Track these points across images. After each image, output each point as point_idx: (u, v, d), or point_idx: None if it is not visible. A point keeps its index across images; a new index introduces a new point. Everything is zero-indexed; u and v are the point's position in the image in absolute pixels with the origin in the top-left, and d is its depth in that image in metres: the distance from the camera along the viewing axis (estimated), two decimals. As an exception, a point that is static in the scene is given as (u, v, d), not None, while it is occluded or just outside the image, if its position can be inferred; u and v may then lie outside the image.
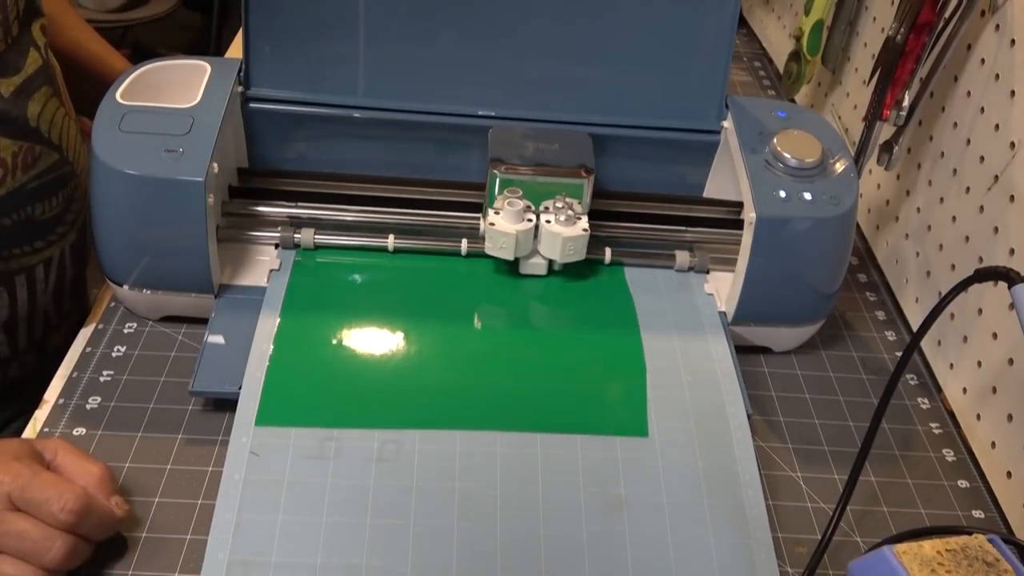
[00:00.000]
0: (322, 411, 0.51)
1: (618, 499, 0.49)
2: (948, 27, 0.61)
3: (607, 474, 0.50)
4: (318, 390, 0.52)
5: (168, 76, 0.61)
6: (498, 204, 0.58)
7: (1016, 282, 0.45)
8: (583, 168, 0.59)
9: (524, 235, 0.58)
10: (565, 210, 0.58)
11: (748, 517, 0.50)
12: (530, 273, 0.60)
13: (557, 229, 0.58)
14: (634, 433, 0.52)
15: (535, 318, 0.59)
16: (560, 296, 0.60)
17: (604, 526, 0.48)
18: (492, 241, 0.58)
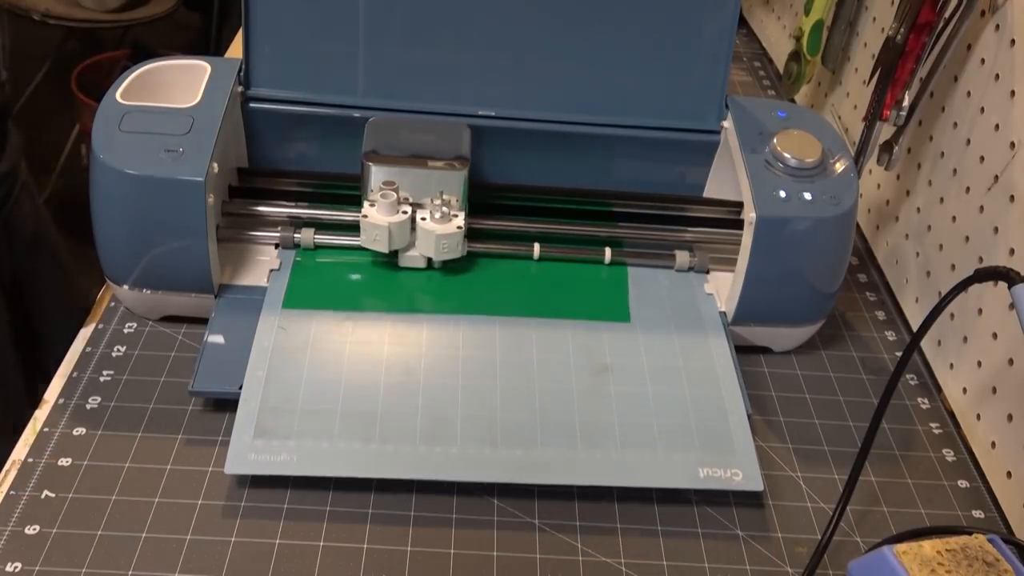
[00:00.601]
0: (342, 298, 0.58)
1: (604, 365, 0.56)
2: (948, 27, 0.61)
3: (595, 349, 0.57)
4: (339, 282, 0.59)
5: (168, 76, 0.61)
6: (372, 196, 0.58)
7: (1016, 282, 0.45)
8: (458, 159, 0.59)
9: (397, 227, 0.58)
10: (441, 207, 0.58)
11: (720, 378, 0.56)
12: (408, 266, 0.60)
13: (431, 226, 0.58)
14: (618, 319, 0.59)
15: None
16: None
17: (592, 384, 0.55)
18: (366, 233, 0.58)
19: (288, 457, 0.50)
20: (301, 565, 0.48)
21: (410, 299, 0.59)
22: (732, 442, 0.53)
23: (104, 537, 0.48)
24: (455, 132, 0.60)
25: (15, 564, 0.46)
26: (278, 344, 0.55)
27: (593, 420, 0.53)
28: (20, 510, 0.49)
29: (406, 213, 0.58)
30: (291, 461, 0.50)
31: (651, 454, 0.52)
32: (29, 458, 0.51)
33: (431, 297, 0.59)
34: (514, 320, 0.58)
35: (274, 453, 0.50)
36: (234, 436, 0.50)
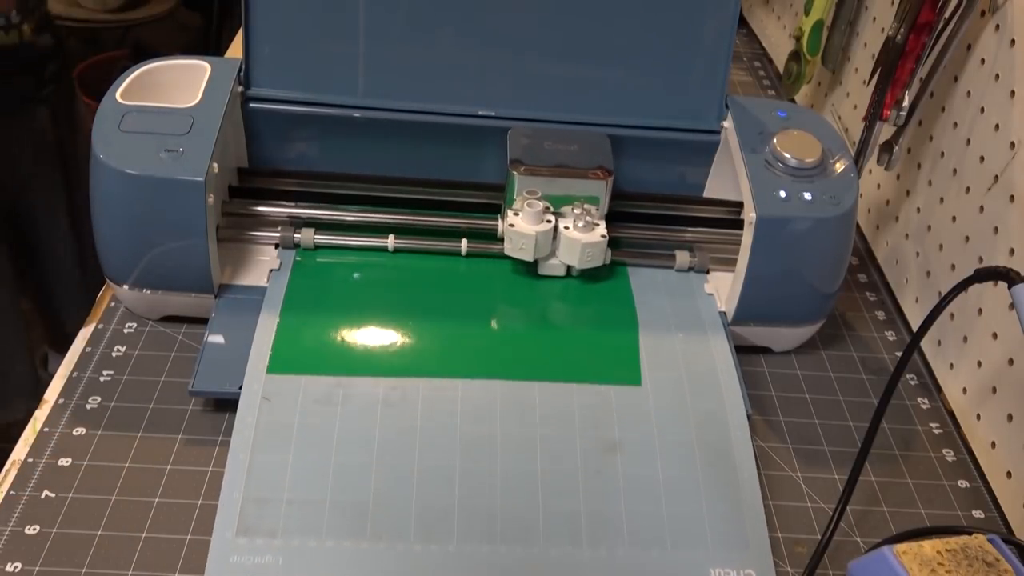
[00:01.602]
0: (331, 360, 0.54)
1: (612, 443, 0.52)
2: (948, 27, 0.61)
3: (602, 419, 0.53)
4: (327, 342, 0.55)
5: (168, 76, 0.61)
6: (517, 205, 0.58)
7: (1016, 282, 0.45)
8: (601, 169, 0.59)
9: (543, 236, 0.58)
10: (583, 216, 0.58)
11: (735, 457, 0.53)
12: (549, 274, 0.61)
13: (576, 235, 0.58)
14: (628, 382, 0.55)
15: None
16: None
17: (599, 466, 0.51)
18: (512, 242, 0.58)
19: (273, 559, 0.46)
20: (301, 565, 0.47)
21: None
22: (746, 534, 0.50)
23: (104, 537, 0.48)
24: (596, 142, 0.61)
25: (15, 564, 0.46)
26: (262, 421, 0.51)
27: (599, 510, 0.50)
28: (20, 510, 0.49)
29: (550, 222, 0.58)
30: (276, 564, 0.46)
31: (660, 553, 0.48)
32: (29, 458, 0.51)
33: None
34: (516, 385, 0.54)
35: (258, 554, 0.46)
36: (215, 533, 0.47)
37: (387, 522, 0.48)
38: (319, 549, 0.47)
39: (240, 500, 0.48)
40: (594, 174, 0.59)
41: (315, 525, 0.48)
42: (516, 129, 0.61)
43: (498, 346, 0.56)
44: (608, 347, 0.57)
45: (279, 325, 0.55)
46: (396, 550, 0.47)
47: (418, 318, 0.57)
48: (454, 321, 0.57)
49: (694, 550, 0.49)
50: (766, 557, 0.49)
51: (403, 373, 0.54)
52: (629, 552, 0.48)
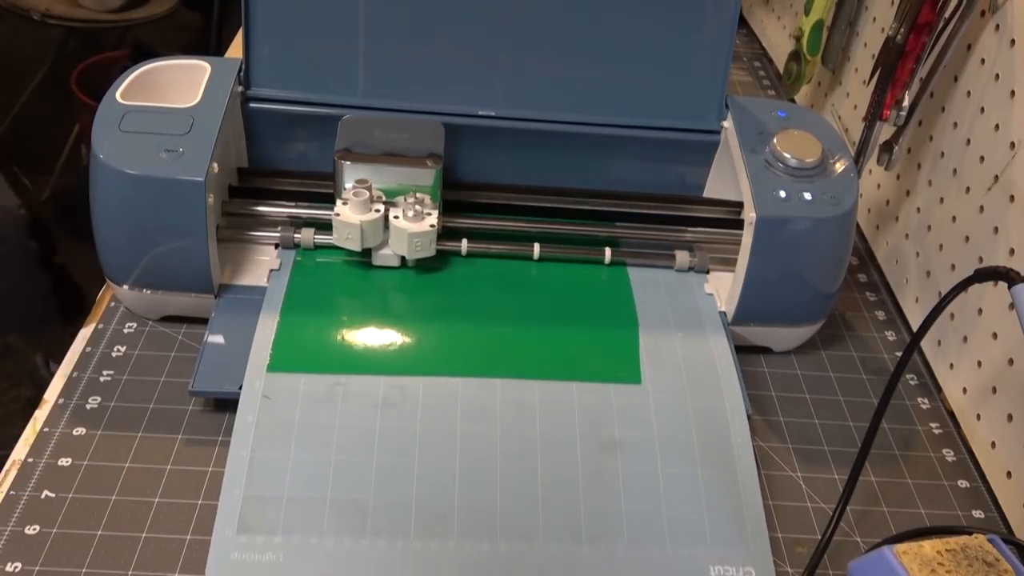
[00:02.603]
0: (330, 359, 0.54)
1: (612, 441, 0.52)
2: (948, 27, 0.61)
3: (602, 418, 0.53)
4: (327, 341, 0.55)
5: (168, 76, 0.61)
6: (345, 195, 0.58)
7: (1016, 282, 0.45)
8: (431, 157, 0.58)
9: (370, 226, 0.57)
10: (414, 205, 0.58)
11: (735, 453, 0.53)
12: (382, 264, 0.60)
13: (404, 225, 0.57)
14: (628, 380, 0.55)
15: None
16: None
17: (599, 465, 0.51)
18: (338, 232, 0.58)
19: (274, 556, 0.47)
20: (301, 565, 0.47)
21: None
22: (745, 533, 0.50)
23: (104, 537, 0.48)
24: (429, 130, 0.60)
25: (15, 564, 0.46)
26: (262, 419, 0.51)
27: (599, 508, 0.50)
28: (20, 510, 0.49)
29: (378, 211, 0.58)
30: (277, 561, 0.46)
31: (659, 551, 0.49)
32: (29, 458, 0.51)
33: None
34: (516, 383, 0.54)
35: (259, 551, 0.47)
36: (216, 530, 0.47)
37: (387, 519, 0.48)
38: (319, 546, 0.47)
39: (240, 498, 0.48)
40: (422, 162, 0.58)
41: (315, 522, 0.48)
42: (348, 118, 0.60)
43: (498, 345, 0.56)
44: (608, 346, 0.57)
45: (279, 324, 0.55)
46: (396, 547, 0.47)
47: (417, 317, 0.57)
48: (453, 320, 0.57)
49: (694, 548, 0.49)
50: (765, 555, 0.49)
51: (403, 372, 0.54)
52: (629, 549, 0.49)
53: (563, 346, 0.57)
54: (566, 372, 0.55)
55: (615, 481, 0.51)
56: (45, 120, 2.02)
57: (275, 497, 0.48)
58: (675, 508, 0.50)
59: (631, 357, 0.56)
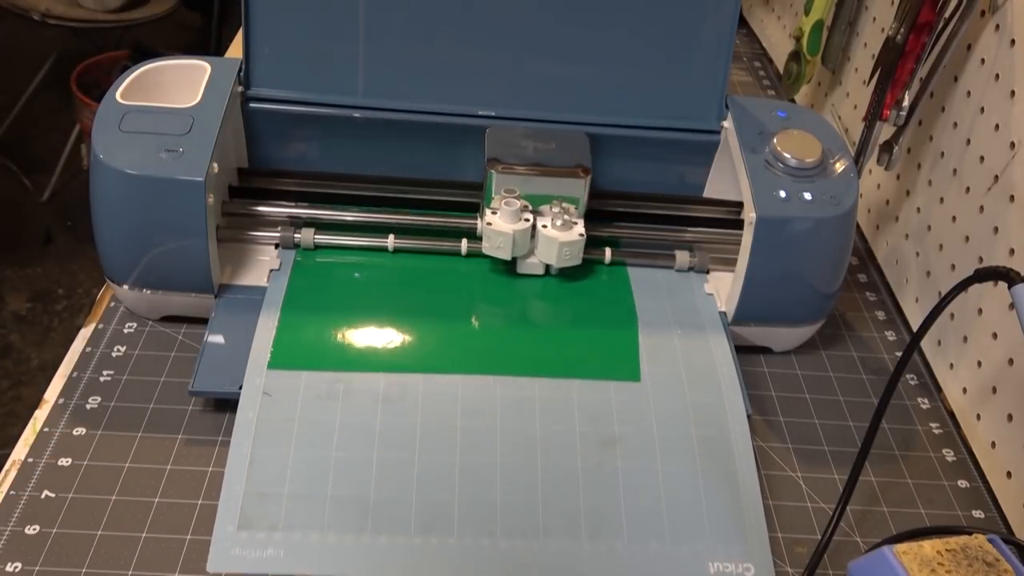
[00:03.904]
0: (331, 356, 0.54)
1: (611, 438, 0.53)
2: (948, 27, 0.61)
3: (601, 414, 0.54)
4: (327, 338, 0.55)
5: (168, 76, 0.61)
6: (495, 204, 0.58)
7: (1016, 282, 0.45)
8: (580, 168, 0.59)
9: (521, 235, 0.58)
10: (562, 215, 0.58)
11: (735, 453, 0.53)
12: (527, 273, 0.61)
13: (553, 234, 0.58)
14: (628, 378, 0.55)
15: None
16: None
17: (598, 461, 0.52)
18: (489, 241, 0.58)
19: (275, 552, 0.47)
20: (301, 565, 0.47)
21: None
22: (744, 529, 0.50)
23: (104, 537, 0.48)
24: (575, 140, 0.61)
25: (15, 564, 0.46)
26: (263, 416, 0.51)
27: (599, 505, 0.50)
28: (20, 510, 0.49)
29: (528, 220, 0.58)
30: (278, 557, 0.47)
31: (659, 547, 0.49)
32: (29, 458, 0.51)
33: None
34: (516, 380, 0.55)
35: (260, 548, 0.47)
36: (217, 525, 0.47)
37: (387, 516, 0.49)
38: (320, 543, 0.47)
39: (242, 494, 0.49)
40: (572, 172, 0.59)
41: (316, 519, 0.48)
42: (495, 128, 0.61)
43: (498, 343, 0.56)
44: (607, 344, 0.57)
45: (280, 322, 0.56)
46: (396, 544, 0.48)
47: (418, 316, 0.57)
48: (454, 319, 0.57)
49: (693, 543, 0.49)
50: (764, 551, 0.50)
51: (403, 369, 0.54)
52: (628, 546, 0.49)
53: (563, 344, 0.57)
54: (565, 370, 0.55)
55: (614, 477, 0.51)
56: (45, 120, 2.02)
57: (276, 494, 0.49)
58: (674, 504, 0.50)
59: (630, 355, 0.57)
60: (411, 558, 0.47)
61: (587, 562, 0.48)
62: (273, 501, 0.48)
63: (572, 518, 0.50)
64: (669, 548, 0.49)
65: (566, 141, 0.61)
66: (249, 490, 0.49)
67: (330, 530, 0.48)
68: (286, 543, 0.47)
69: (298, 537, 0.48)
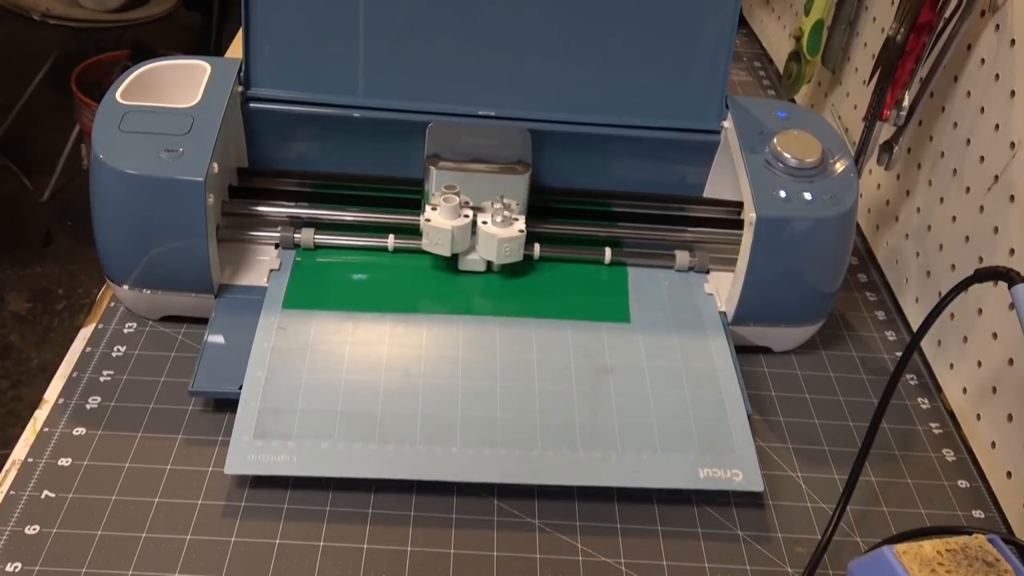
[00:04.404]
0: (342, 298, 0.58)
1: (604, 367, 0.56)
2: (948, 27, 0.61)
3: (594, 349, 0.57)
4: (338, 283, 0.59)
5: (168, 76, 0.61)
6: (435, 200, 0.58)
7: (1016, 282, 0.45)
8: (520, 164, 0.59)
9: (460, 231, 0.58)
10: (502, 211, 0.58)
11: None
12: (468, 270, 0.61)
13: (493, 230, 0.58)
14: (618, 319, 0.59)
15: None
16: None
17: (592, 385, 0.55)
18: (428, 237, 0.59)
19: (288, 457, 0.50)
20: (301, 565, 0.48)
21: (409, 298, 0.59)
22: (732, 442, 0.53)
23: (104, 537, 0.48)
24: (517, 137, 0.61)
25: (15, 564, 0.46)
26: (278, 345, 0.55)
27: (593, 421, 0.53)
28: (20, 510, 0.49)
29: (467, 217, 0.58)
30: (291, 461, 0.50)
31: (651, 455, 0.52)
32: (29, 458, 0.51)
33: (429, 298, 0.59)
34: (514, 320, 0.58)
35: (274, 453, 0.50)
36: (234, 436, 0.50)
37: (394, 429, 0.52)
38: (331, 450, 0.51)
39: (257, 410, 0.52)
40: (511, 169, 0.59)
41: (327, 430, 0.51)
42: (436, 124, 0.61)
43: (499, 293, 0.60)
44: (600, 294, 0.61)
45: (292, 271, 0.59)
46: (402, 451, 0.51)
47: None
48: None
49: (684, 452, 0.53)
50: (751, 460, 0.53)
51: (409, 310, 0.58)
52: (622, 455, 0.52)
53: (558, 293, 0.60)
54: (561, 312, 0.59)
55: (608, 399, 0.54)
56: (45, 120, 2.02)
57: (289, 409, 0.52)
58: (665, 421, 0.54)
59: (621, 302, 0.60)
60: (416, 462, 0.51)
61: (582, 467, 0.51)
62: (286, 415, 0.52)
63: (568, 432, 0.53)
64: (661, 456, 0.52)
65: (508, 138, 0.61)
66: (264, 407, 0.52)
67: (340, 439, 0.51)
68: (299, 450, 0.50)
69: (310, 445, 0.51)
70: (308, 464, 0.50)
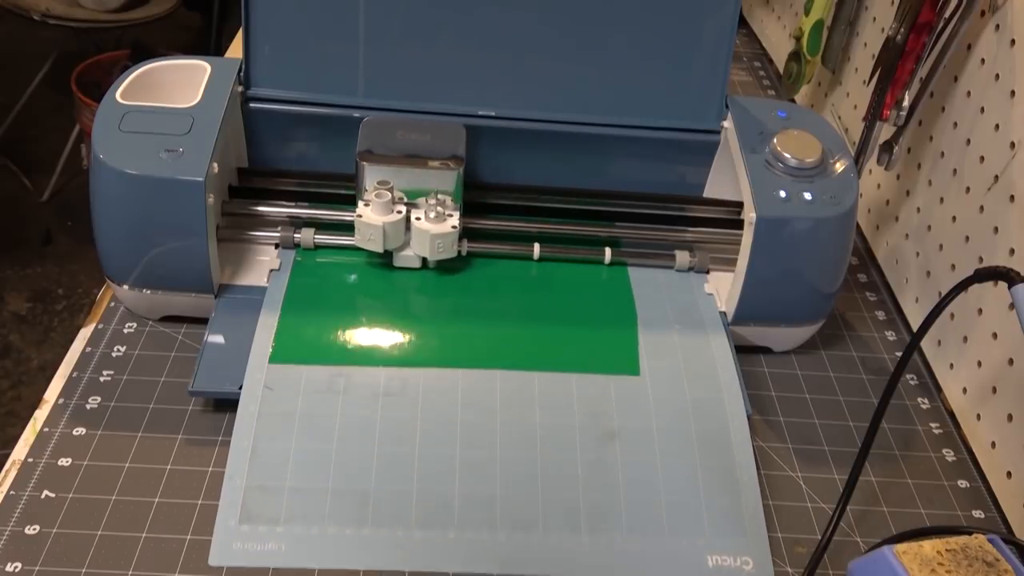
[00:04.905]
0: (332, 350, 0.55)
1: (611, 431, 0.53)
2: (948, 27, 0.61)
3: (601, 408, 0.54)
4: (328, 333, 0.55)
5: (168, 76, 0.61)
6: (367, 196, 0.58)
7: (1016, 282, 0.45)
8: (453, 159, 0.58)
9: (392, 227, 0.57)
10: (436, 207, 0.58)
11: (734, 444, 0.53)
12: (403, 266, 0.60)
13: (426, 226, 0.57)
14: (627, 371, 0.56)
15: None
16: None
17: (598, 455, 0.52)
18: (361, 233, 0.58)
19: (276, 546, 0.47)
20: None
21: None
22: (743, 524, 0.50)
23: (104, 537, 0.48)
24: (450, 132, 0.60)
25: (15, 564, 0.46)
26: (264, 410, 0.52)
27: (598, 498, 0.50)
28: (20, 510, 0.49)
29: (400, 212, 0.58)
30: (279, 551, 0.47)
31: (658, 540, 0.49)
32: (29, 458, 0.51)
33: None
34: (515, 374, 0.55)
35: (261, 541, 0.47)
36: (218, 520, 0.48)
37: (388, 509, 0.49)
38: (321, 536, 0.48)
39: (243, 488, 0.49)
40: (444, 164, 0.58)
41: (317, 512, 0.48)
42: (369, 119, 0.60)
43: (498, 338, 0.57)
44: (607, 340, 0.57)
45: (281, 318, 0.56)
46: (397, 536, 0.48)
47: (417, 313, 0.57)
48: (453, 316, 0.58)
49: (692, 537, 0.50)
50: (763, 545, 0.50)
51: (404, 363, 0.54)
52: (628, 539, 0.49)
53: (563, 340, 0.57)
54: (565, 364, 0.55)
55: (614, 471, 0.51)
56: (45, 120, 2.02)
57: (277, 487, 0.49)
58: (673, 498, 0.51)
59: (630, 350, 0.57)
60: (411, 550, 0.48)
61: (586, 555, 0.48)
62: (274, 494, 0.49)
63: (571, 511, 0.50)
64: (668, 541, 0.49)
65: (442, 132, 0.60)
66: (250, 484, 0.49)
67: (331, 523, 0.48)
68: (287, 536, 0.48)
69: (299, 531, 0.48)
70: (297, 555, 0.47)
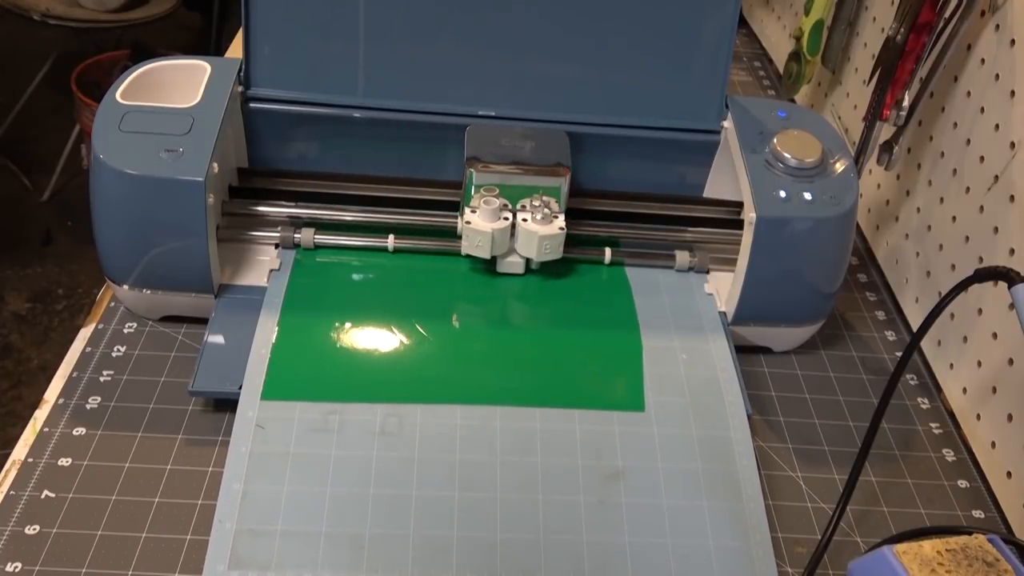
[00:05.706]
0: (326, 386, 0.53)
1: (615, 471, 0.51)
2: (948, 27, 0.61)
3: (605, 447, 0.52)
4: (322, 366, 0.54)
5: (168, 76, 0.61)
6: (474, 203, 0.58)
7: (1016, 282, 0.45)
8: (559, 166, 0.59)
9: (500, 233, 0.58)
10: (542, 208, 0.58)
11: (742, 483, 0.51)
12: (507, 272, 0.60)
13: (533, 228, 0.58)
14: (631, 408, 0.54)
15: (536, 314, 0.59)
16: (563, 294, 0.60)
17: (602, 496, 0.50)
18: (468, 240, 0.58)
19: None
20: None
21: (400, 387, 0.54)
22: (753, 568, 0.48)
23: (104, 537, 0.48)
24: (556, 139, 0.60)
25: (15, 564, 0.46)
26: (256, 450, 0.50)
27: (602, 542, 0.48)
28: (20, 510, 0.49)
29: (507, 219, 0.58)
30: None
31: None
32: (29, 458, 0.51)
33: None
34: (516, 410, 0.53)
35: None
36: (207, 566, 0.45)
37: (384, 554, 0.47)
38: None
39: (233, 532, 0.46)
40: (552, 171, 0.58)
41: (310, 558, 0.46)
42: (475, 126, 0.61)
43: (498, 370, 0.55)
44: (611, 370, 0.56)
45: (274, 347, 0.54)
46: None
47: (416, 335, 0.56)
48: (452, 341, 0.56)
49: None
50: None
51: (400, 399, 0.52)
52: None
53: (565, 371, 0.55)
54: (568, 400, 0.54)
55: (618, 513, 0.49)
56: (45, 120, 2.03)
57: (268, 531, 0.47)
58: (680, 542, 0.49)
59: (634, 382, 0.55)
60: None
61: None
62: (265, 539, 0.46)
63: (575, 556, 0.47)
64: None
65: (546, 139, 0.60)
66: (240, 528, 0.47)
67: (324, 569, 0.46)
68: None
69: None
70: None
